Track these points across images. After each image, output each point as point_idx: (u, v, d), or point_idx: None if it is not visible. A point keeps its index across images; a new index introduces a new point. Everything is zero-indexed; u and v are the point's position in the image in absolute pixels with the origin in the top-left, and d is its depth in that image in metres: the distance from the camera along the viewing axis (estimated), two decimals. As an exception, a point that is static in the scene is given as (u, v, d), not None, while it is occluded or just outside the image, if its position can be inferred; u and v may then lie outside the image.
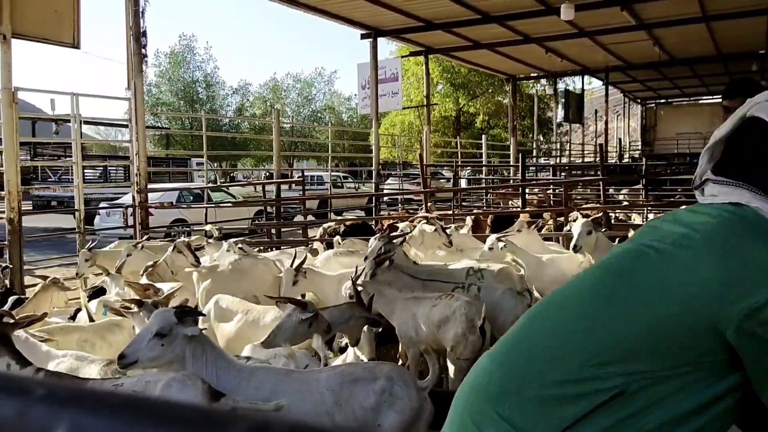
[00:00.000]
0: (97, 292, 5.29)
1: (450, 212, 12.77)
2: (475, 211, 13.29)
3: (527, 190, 11.31)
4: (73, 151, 8.74)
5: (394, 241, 5.50)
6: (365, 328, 4.03)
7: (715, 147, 1.43)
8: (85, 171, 13.60)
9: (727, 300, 1.19)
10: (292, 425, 0.42)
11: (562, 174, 18.25)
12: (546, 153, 31.34)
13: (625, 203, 11.61)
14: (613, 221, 9.18)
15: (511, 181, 17.39)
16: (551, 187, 13.71)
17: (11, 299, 5.02)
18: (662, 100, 34.87)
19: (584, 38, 15.41)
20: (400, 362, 4.85)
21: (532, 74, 22.72)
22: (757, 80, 3.08)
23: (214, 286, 5.43)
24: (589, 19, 13.37)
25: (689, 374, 1.23)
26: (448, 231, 6.90)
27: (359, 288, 4.50)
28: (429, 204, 11.35)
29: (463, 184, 19.81)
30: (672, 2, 12.15)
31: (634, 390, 1.22)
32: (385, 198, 18.66)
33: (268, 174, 20.51)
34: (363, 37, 14.37)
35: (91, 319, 4.49)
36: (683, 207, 1.53)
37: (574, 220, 6.10)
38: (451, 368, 4.29)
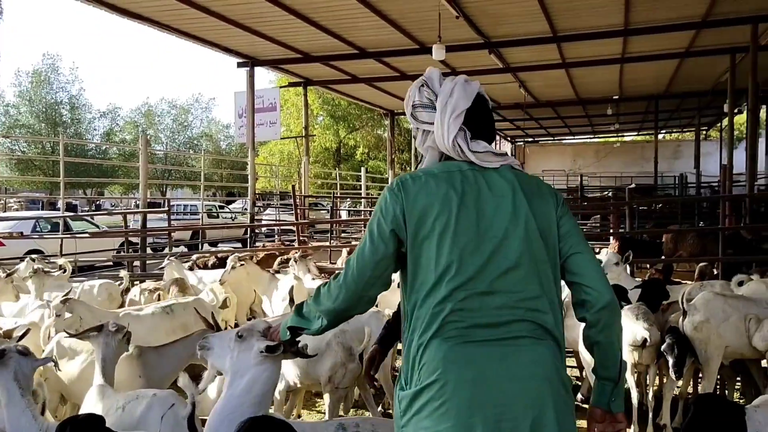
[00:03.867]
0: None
1: (328, 244, 12.74)
2: (353, 243, 13.33)
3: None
4: None
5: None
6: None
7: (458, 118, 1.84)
8: None
9: None
10: None
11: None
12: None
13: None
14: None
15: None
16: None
17: None
18: (530, 139, 37.12)
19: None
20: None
21: (409, 110, 23.32)
22: None
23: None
24: (460, 60, 13.99)
25: None
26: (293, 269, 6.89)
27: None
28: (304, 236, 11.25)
29: (343, 215, 19.90)
30: (534, 49, 12.98)
31: None
32: (263, 229, 18.31)
33: (137, 203, 19.56)
34: (240, 65, 14.15)
35: None
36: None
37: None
38: (328, 399, 4.25)
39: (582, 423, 2.00)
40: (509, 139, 35.80)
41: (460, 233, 1.69)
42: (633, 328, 4.54)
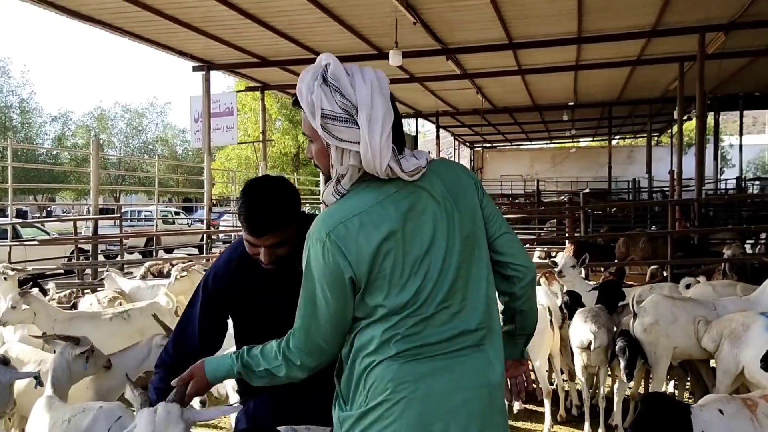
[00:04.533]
0: None
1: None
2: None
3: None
4: None
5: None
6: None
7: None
8: None
9: None
10: None
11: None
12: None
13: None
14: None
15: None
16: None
17: None
18: (488, 145, 37.58)
19: (415, 83, 16.20)
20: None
21: (367, 115, 23.32)
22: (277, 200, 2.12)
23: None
24: (418, 66, 14.08)
25: None
26: None
27: None
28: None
29: (301, 221, 19.74)
30: (490, 55, 13.16)
31: None
32: (221, 235, 18.07)
33: (89, 209, 19.11)
34: (195, 69, 13.95)
35: None
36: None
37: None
38: None
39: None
40: (468, 144, 36.18)
41: (407, 268, 1.66)
42: (580, 330, 4.62)
